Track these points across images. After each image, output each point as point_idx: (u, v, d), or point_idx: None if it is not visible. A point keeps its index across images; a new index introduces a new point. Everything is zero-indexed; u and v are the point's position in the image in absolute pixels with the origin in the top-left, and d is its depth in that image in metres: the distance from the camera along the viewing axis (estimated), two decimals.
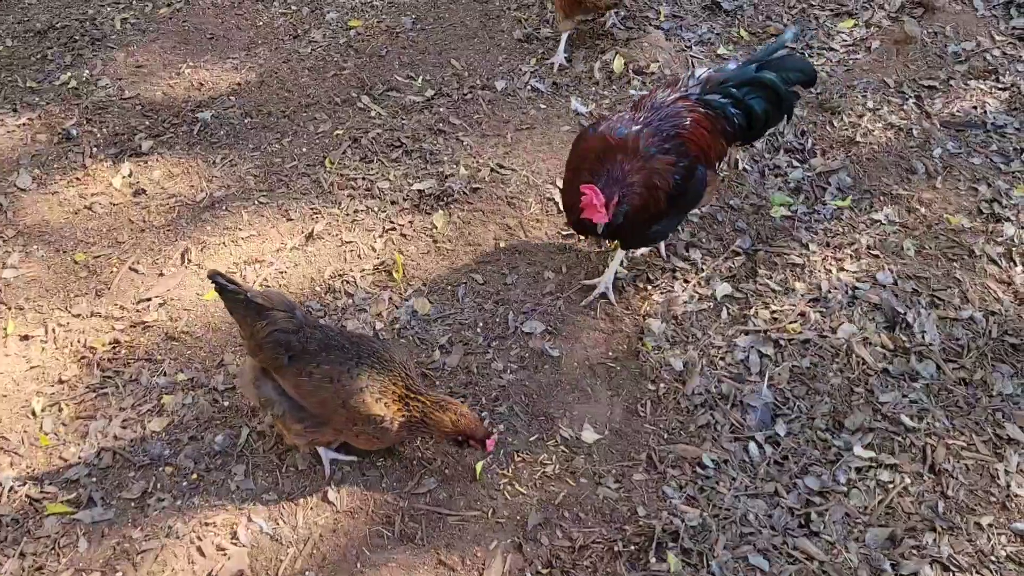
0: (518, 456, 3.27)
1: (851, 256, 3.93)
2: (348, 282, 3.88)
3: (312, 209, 4.20)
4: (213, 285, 2.98)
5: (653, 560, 2.97)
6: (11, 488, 3.21)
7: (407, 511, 3.13)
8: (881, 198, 4.18)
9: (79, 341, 3.68)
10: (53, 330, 3.73)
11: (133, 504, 3.17)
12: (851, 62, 4.90)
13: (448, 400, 3.08)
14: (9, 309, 3.81)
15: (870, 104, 4.63)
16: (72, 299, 3.85)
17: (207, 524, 3.10)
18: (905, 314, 3.66)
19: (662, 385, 3.48)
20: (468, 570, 2.98)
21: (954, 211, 4.10)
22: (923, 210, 4.11)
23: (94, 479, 3.24)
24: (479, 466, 3.21)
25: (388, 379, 3.02)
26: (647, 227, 3.51)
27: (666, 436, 3.33)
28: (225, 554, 3.02)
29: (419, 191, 4.24)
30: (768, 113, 3.54)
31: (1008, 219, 4.04)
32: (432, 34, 5.18)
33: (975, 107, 4.60)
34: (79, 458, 3.30)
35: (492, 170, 4.36)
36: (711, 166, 3.55)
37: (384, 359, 3.05)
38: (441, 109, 4.71)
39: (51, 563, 3.01)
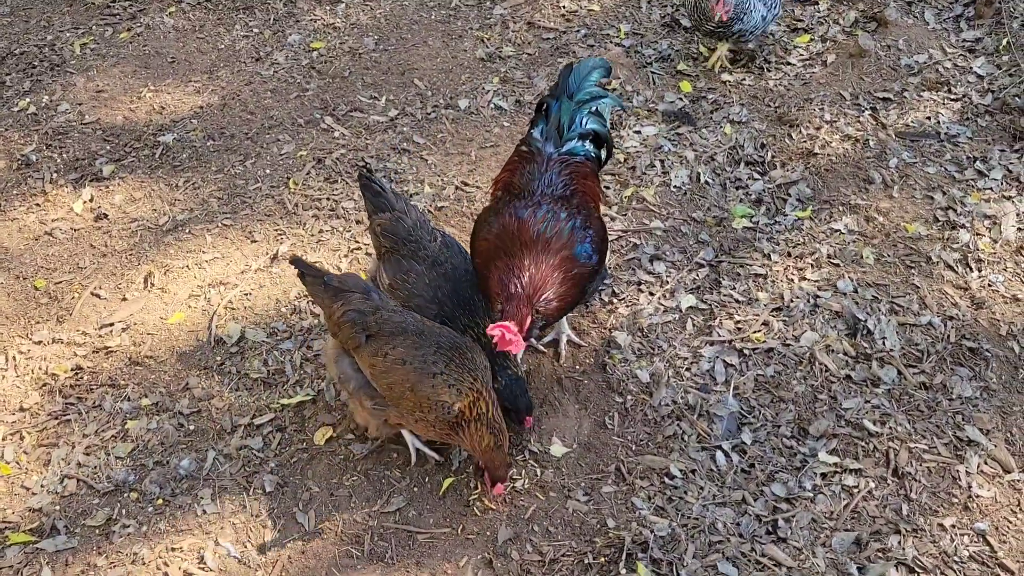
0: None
1: (812, 265, 3.99)
2: (314, 302, 3.87)
3: (276, 230, 4.19)
4: (296, 270, 3.25)
5: (623, 571, 2.97)
6: None
7: (376, 530, 3.11)
8: (840, 208, 4.26)
9: (40, 368, 3.64)
10: (14, 358, 3.68)
11: (98, 531, 3.13)
12: (808, 76, 5.00)
13: (502, 429, 3.04)
14: None
15: (827, 116, 4.72)
16: (33, 326, 3.81)
17: (174, 549, 3.06)
18: (866, 321, 3.72)
19: (629, 397, 3.50)
20: None
21: (911, 219, 4.19)
22: (881, 219, 4.19)
23: (57, 507, 3.19)
24: (446, 482, 3.21)
25: (464, 374, 3.01)
26: (577, 303, 3.36)
27: (634, 448, 3.35)
28: None
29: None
30: (606, 130, 3.56)
31: (963, 226, 4.13)
32: (395, 54, 5.21)
33: (929, 117, 4.71)
34: (41, 486, 3.25)
35: (457, 188, 4.39)
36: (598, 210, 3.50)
37: (466, 356, 3.05)
38: (405, 128, 4.73)
39: None
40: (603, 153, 3.60)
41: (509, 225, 3.21)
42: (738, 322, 3.76)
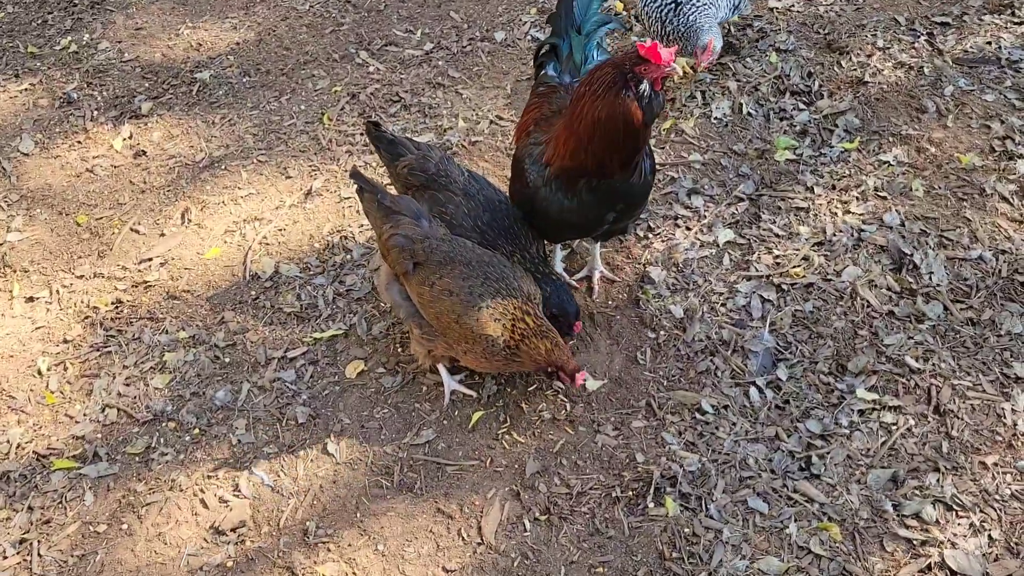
0: (516, 405, 3.26)
1: (857, 198, 3.84)
2: (347, 238, 3.87)
3: (311, 166, 4.18)
4: (353, 182, 3.28)
5: (651, 505, 2.96)
6: (19, 445, 3.26)
7: (406, 461, 3.14)
8: (890, 139, 4.08)
9: (83, 302, 3.72)
10: (57, 291, 3.76)
11: (137, 459, 3.21)
12: (861, 0, 4.76)
13: (550, 329, 3.03)
14: (14, 272, 3.85)
15: (880, 43, 4.50)
16: (75, 261, 3.89)
17: (209, 477, 3.14)
18: (912, 255, 3.59)
19: (662, 332, 3.44)
20: (466, 518, 2.99)
21: (965, 150, 3.99)
22: (933, 149, 4.01)
23: (99, 435, 3.28)
24: (476, 416, 3.21)
25: (511, 304, 3.00)
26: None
27: (666, 383, 3.30)
28: (227, 506, 3.06)
29: None
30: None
31: (1021, 156, 3.92)
32: None
33: (989, 43, 4.45)
34: (84, 415, 3.34)
35: (491, 122, 4.31)
36: None
37: (512, 286, 3.03)
38: (440, 62, 4.66)
39: (58, 516, 3.06)
40: None
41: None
42: (777, 257, 3.66)
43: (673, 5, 4.11)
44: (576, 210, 3.08)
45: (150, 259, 3.85)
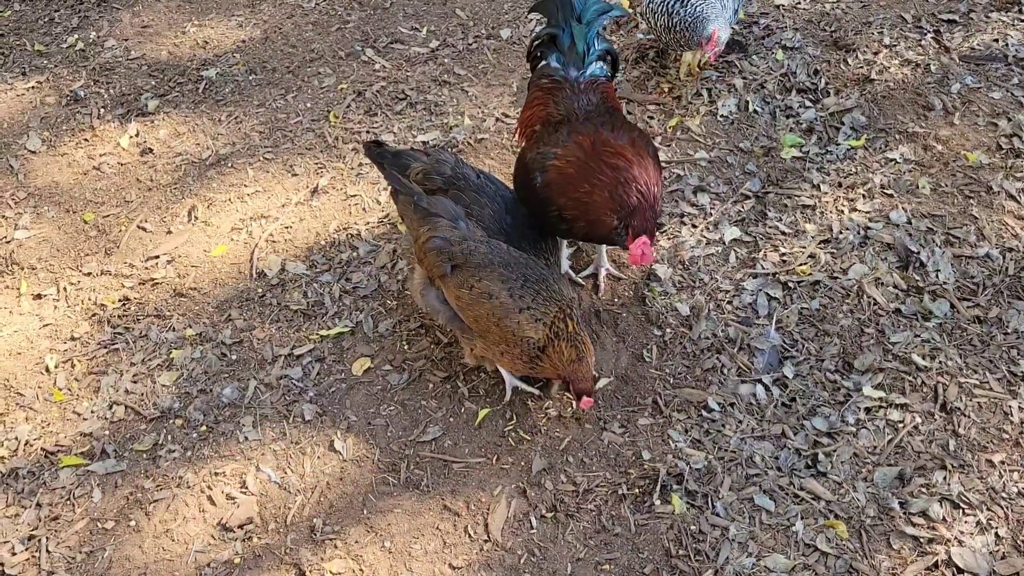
0: (523, 403, 3.26)
1: (864, 196, 3.84)
2: (353, 235, 3.87)
3: (317, 164, 4.19)
4: (388, 186, 3.25)
5: (658, 502, 2.96)
6: (27, 442, 3.27)
7: (412, 458, 3.15)
8: (896, 136, 4.07)
9: (90, 299, 3.73)
10: (65, 289, 3.77)
11: (145, 456, 3.22)
12: None
13: (584, 341, 2.96)
14: (22, 269, 3.86)
15: (887, 40, 4.49)
16: (82, 258, 3.90)
17: (217, 474, 3.15)
18: (919, 253, 3.58)
19: (668, 330, 3.44)
20: (473, 515, 2.99)
21: (972, 147, 3.98)
22: (940, 147, 4.00)
23: (107, 432, 3.30)
24: (482, 413, 3.22)
25: (550, 308, 2.96)
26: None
27: (672, 381, 3.30)
28: (235, 502, 3.07)
29: (423, 143, 4.20)
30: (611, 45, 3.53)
31: None
32: None
33: (996, 40, 4.44)
34: (92, 412, 3.35)
35: (497, 120, 4.31)
36: None
37: (552, 289, 2.99)
38: (446, 60, 4.66)
39: (66, 513, 3.08)
40: (611, 69, 3.53)
41: (585, 143, 3.06)
42: (783, 254, 3.65)
43: None
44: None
45: (157, 257, 3.86)
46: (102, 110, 4.55)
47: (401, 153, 3.38)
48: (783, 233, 3.74)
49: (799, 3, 4.77)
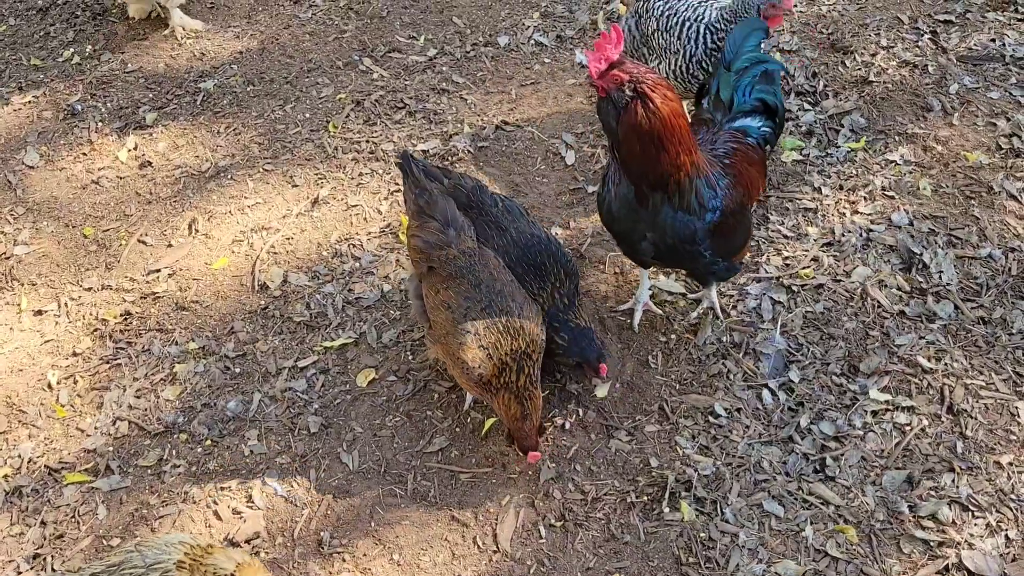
0: None
1: (865, 198, 3.84)
2: (355, 245, 3.86)
3: (317, 174, 4.18)
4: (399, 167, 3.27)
5: (667, 510, 2.95)
6: (30, 459, 3.25)
7: (419, 470, 3.13)
8: (896, 138, 4.08)
9: (91, 314, 3.71)
10: (65, 304, 3.76)
11: (149, 471, 3.20)
12: (864, 0, 4.76)
13: (532, 397, 2.91)
14: (22, 285, 3.84)
15: (883, 42, 4.50)
16: (83, 273, 3.88)
17: (222, 488, 3.13)
18: (921, 255, 3.58)
19: (673, 336, 3.44)
20: (481, 525, 2.98)
21: (972, 148, 3.99)
22: (940, 148, 4.00)
23: (111, 448, 3.28)
24: (488, 423, 3.21)
25: (504, 340, 2.90)
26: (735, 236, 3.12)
27: (678, 387, 3.29)
28: (241, 517, 3.05)
29: (423, 151, 4.19)
30: (776, 99, 3.24)
31: None
32: None
33: (993, 40, 4.45)
34: (95, 428, 3.34)
35: (497, 127, 4.31)
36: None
37: (514, 326, 2.91)
38: (444, 68, 4.65)
39: (71, 530, 3.06)
40: (773, 128, 3.23)
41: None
42: (786, 258, 3.65)
43: None
44: (613, 211, 3.04)
45: (158, 270, 3.85)
46: (100, 124, 4.53)
47: (429, 172, 3.29)
48: (785, 236, 3.74)
49: (796, 5, 4.77)
